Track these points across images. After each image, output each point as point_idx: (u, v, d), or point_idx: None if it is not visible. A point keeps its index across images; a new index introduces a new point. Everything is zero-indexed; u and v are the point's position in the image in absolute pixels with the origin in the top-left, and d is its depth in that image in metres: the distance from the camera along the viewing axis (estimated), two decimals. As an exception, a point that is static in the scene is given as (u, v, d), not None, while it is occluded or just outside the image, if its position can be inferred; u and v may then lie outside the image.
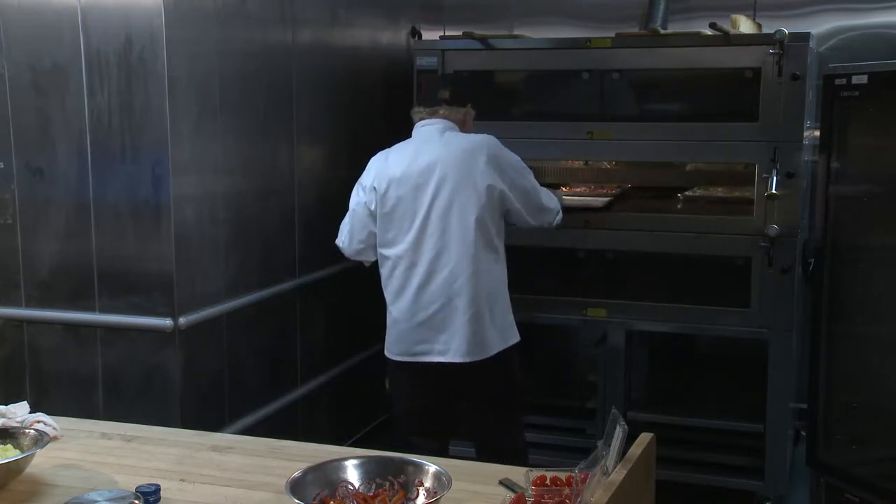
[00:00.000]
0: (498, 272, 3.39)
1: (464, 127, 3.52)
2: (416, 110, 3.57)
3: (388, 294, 3.43)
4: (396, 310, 3.40)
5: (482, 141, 3.39)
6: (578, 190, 4.40)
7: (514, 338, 3.43)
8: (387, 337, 3.46)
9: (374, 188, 3.38)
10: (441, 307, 3.29)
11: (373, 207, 3.40)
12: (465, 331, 3.28)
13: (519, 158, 3.44)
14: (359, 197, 3.46)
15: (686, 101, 4.11)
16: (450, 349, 3.29)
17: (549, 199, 3.53)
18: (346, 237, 3.51)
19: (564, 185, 4.50)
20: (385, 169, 3.40)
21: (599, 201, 4.04)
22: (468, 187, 3.28)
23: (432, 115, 3.49)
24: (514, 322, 3.44)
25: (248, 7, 3.51)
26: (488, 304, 3.32)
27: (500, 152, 3.38)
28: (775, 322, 3.79)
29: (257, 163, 3.62)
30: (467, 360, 3.29)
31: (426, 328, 3.32)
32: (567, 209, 3.73)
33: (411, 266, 3.33)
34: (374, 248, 3.46)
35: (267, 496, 1.96)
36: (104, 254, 3.19)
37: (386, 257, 3.41)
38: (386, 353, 3.47)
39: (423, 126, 3.49)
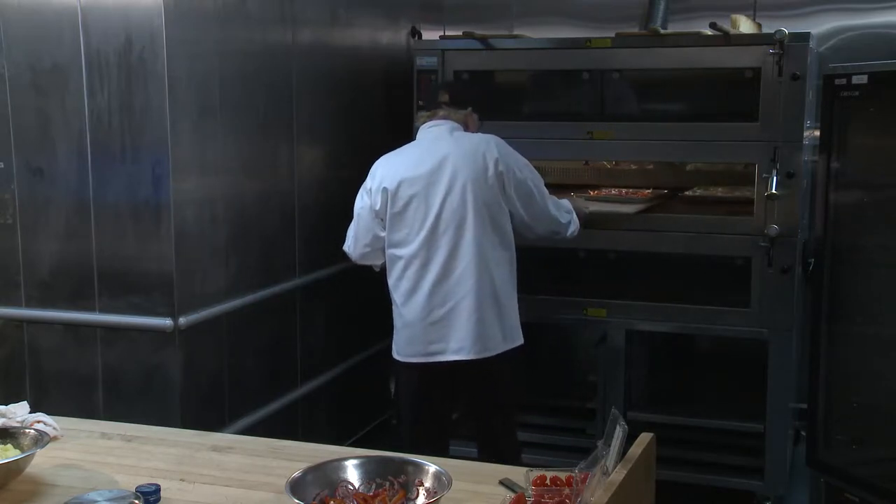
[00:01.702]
0: (509, 272, 3.41)
1: (467, 129, 3.52)
2: (419, 115, 3.62)
3: (399, 295, 3.40)
4: (408, 311, 3.36)
5: (489, 139, 3.39)
6: (608, 193, 4.40)
7: (520, 339, 3.44)
8: (395, 339, 3.43)
9: (384, 189, 3.35)
10: (455, 305, 3.29)
11: (378, 208, 3.39)
12: (477, 329, 3.29)
13: (527, 162, 3.44)
14: (363, 201, 3.45)
15: (686, 101, 4.11)
16: (464, 347, 3.29)
17: (556, 207, 3.50)
18: (352, 242, 3.51)
19: (593, 189, 4.50)
20: (394, 169, 3.38)
21: (631, 208, 3.94)
22: (480, 185, 3.29)
23: (433, 116, 3.51)
24: (518, 325, 3.46)
25: (248, 7, 3.51)
26: (499, 303, 3.35)
27: (508, 151, 3.39)
28: (775, 322, 3.79)
29: (257, 163, 3.62)
30: (478, 357, 3.30)
31: (441, 327, 3.31)
32: (596, 217, 3.71)
33: (425, 265, 3.31)
34: (381, 251, 3.44)
35: (267, 496, 1.96)
36: (104, 254, 3.20)
37: (397, 257, 3.38)
38: (395, 355, 3.44)
39: (429, 127, 3.49)
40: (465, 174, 3.29)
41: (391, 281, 3.42)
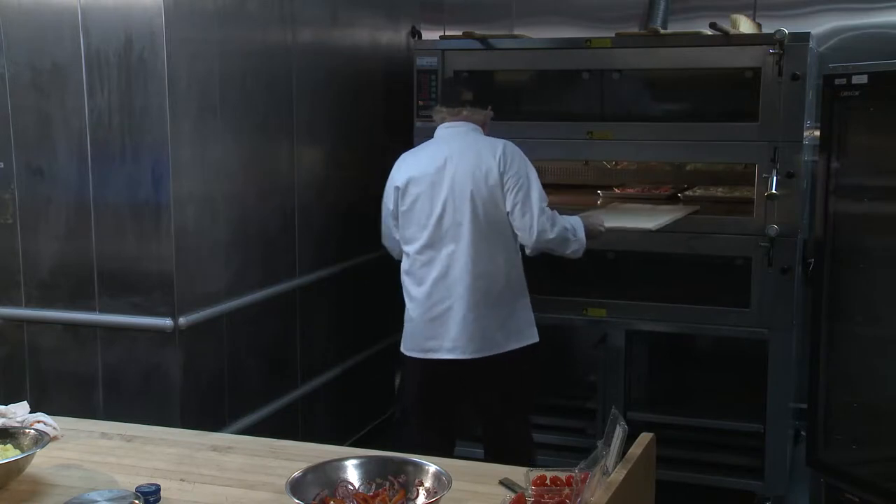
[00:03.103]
0: (510, 274, 3.39)
1: (484, 129, 3.52)
2: (438, 110, 3.55)
3: (405, 290, 3.47)
4: (412, 306, 3.44)
5: (500, 143, 3.38)
6: (632, 191, 4.40)
7: (526, 339, 3.43)
8: (403, 332, 3.51)
9: (396, 187, 3.45)
10: (451, 304, 3.33)
11: (392, 208, 3.47)
12: (471, 329, 3.31)
13: (534, 173, 3.37)
14: (385, 198, 3.54)
15: (686, 101, 4.11)
16: (458, 346, 3.33)
17: (551, 223, 3.33)
18: (382, 237, 3.62)
19: (618, 187, 4.49)
20: (406, 168, 3.46)
21: (652, 224, 3.65)
22: (481, 187, 3.30)
23: (455, 116, 3.49)
24: (530, 324, 3.45)
25: (248, 7, 3.51)
26: (498, 304, 3.35)
27: (515, 156, 3.35)
28: (775, 322, 3.79)
29: (257, 163, 3.62)
30: (473, 356, 3.32)
31: (437, 324, 3.36)
32: (614, 233, 3.64)
33: (428, 263, 3.38)
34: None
35: (267, 496, 1.96)
36: (104, 254, 3.20)
37: (406, 254, 3.46)
38: (401, 348, 3.51)
39: (447, 127, 3.49)
40: (468, 175, 3.31)
41: (402, 276, 3.49)
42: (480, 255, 3.32)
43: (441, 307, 3.35)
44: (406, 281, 3.46)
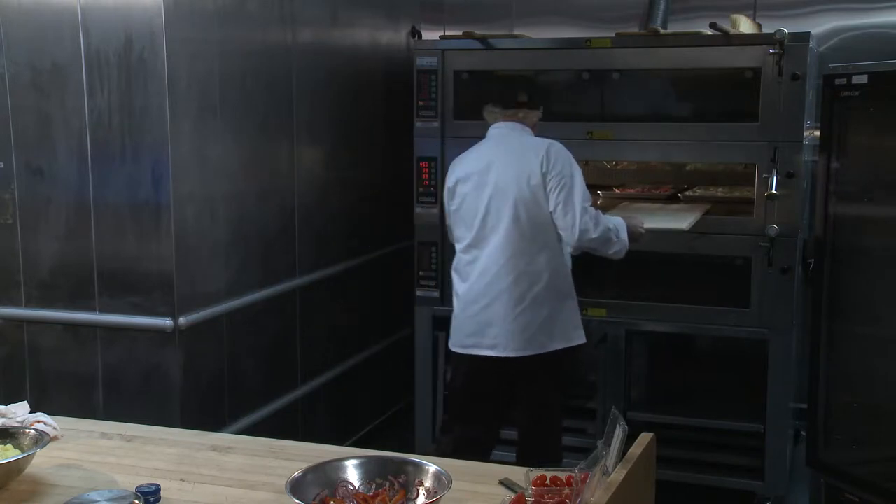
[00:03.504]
0: (554, 274, 3.40)
1: (534, 130, 3.54)
2: (491, 110, 3.56)
3: (453, 287, 3.56)
4: (456, 302, 3.53)
5: (547, 143, 3.39)
6: (632, 191, 4.41)
7: (571, 341, 3.44)
8: (450, 328, 3.59)
9: (448, 188, 3.56)
10: (491, 302, 3.38)
11: (446, 207, 3.61)
12: (513, 327, 3.35)
13: (579, 172, 3.37)
14: (445, 195, 3.63)
15: (686, 101, 4.11)
16: (499, 343, 3.38)
17: (595, 224, 3.32)
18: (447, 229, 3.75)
19: (618, 187, 4.51)
20: (457, 168, 3.55)
21: (684, 223, 3.71)
22: (524, 188, 3.33)
23: (510, 118, 3.52)
24: (577, 325, 3.47)
25: (248, 7, 3.51)
26: (540, 303, 3.37)
27: (560, 155, 3.35)
28: (775, 322, 3.79)
29: (257, 162, 3.62)
30: (514, 355, 3.37)
31: (476, 322, 3.42)
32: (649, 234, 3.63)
33: (472, 262, 3.45)
34: None
35: (267, 496, 1.96)
36: (104, 254, 3.20)
37: (456, 251, 3.56)
38: (448, 343, 3.59)
39: (498, 128, 3.53)
40: (511, 176, 3.35)
41: (452, 272, 3.59)
42: (521, 255, 3.35)
43: (481, 304, 3.40)
44: (454, 278, 3.55)
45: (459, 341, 3.50)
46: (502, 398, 3.56)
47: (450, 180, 3.55)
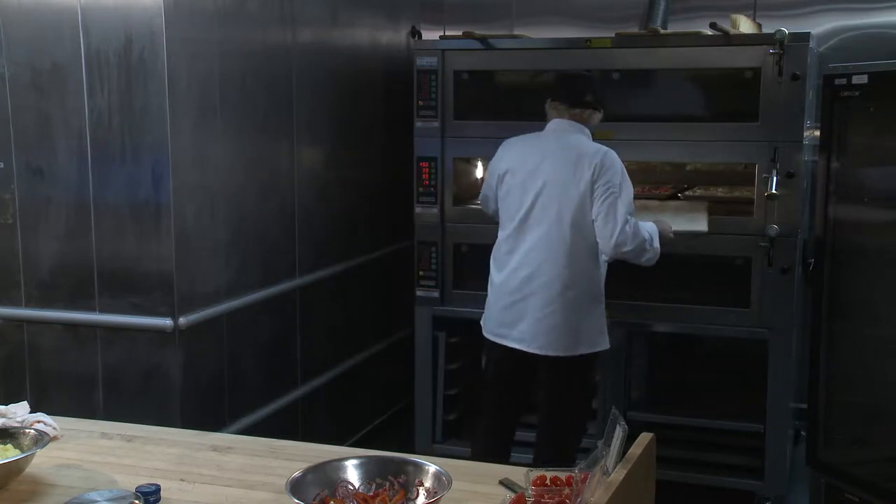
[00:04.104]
0: (589, 279, 3.43)
1: (593, 132, 3.57)
2: (555, 105, 3.56)
3: (491, 270, 3.58)
4: (491, 290, 3.56)
5: (602, 151, 3.40)
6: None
7: (596, 346, 3.46)
8: (484, 314, 3.63)
9: (496, 173, 3.58)
10: (523, 297, 3.42)
11: (493, 184, 3.60)
12: (540, 326, 3.39)
13: (629, 184, 3.40)
14: (490, 169, 3.67)
15: (686, 101, 4.11)
16: (525, 338, 3.42)
17: (634, 236, 3.35)
18: (480, 198, 3.82)
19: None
20: (509, 156, 3.56)
21: (704, 226, 3.78)
22: (572, 192, 3.36)
23: (573, 116, 3.53)
24: (602, 331, 3.49)
25: (248, 7, 3.51)
26: (572, 307, 3.39)
27: (613, 165, 3.37)
28: (775, 322, 3.79)
29: (257, 162, 3.62)
30: (538, 352, 3.41)
31: (509, 314, 3.46)
32: (676, 235, 3.66)
33: (510, 252, 3.48)
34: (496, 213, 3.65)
35: (267, 496, 1.96)
36: (104, 254, 3.20)
37: (497, 237, 3.59)
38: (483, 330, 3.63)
39: (557, 124, 3.53)
40: (560, 179, 3.38)
41: (490, 258, 3.61)
42: (559, 257, 3.38)
43: (514, 298, 3.44)
44: (491, 265, 3.57)
45: (491, 329, 3.54)
46: (524, 391, 3.63)
47: (500, 168, 3.55)
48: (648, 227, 3.46)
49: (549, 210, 3.39)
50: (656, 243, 3.46)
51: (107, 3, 3.07)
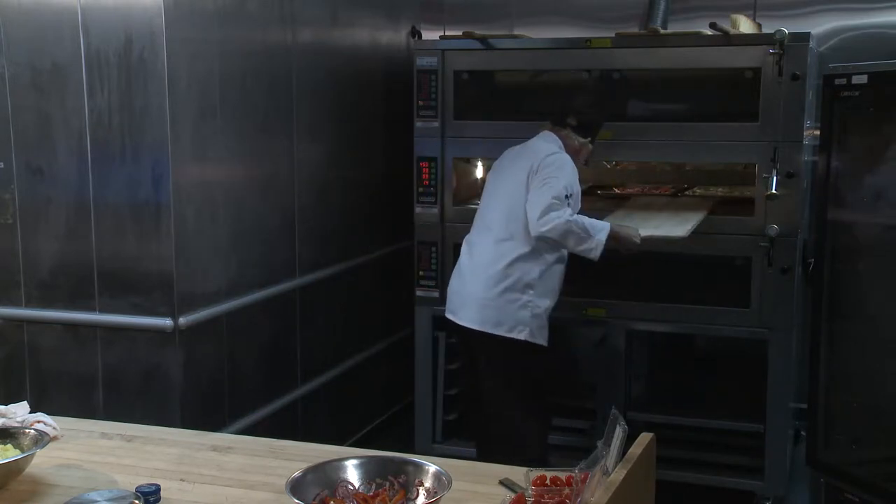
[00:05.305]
0: (528, 270, 3.53)
1: (576, 155, 3.64)
2: (542, 124, 3.75)
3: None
4: (454, 272, 3.79)
5: (550, 151, 3.56)
6: (632, 191, 4.40)
7: (531, 336, 3.53)
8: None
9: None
10: (470, 279, 3.62)
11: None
12: (477, 305, 3.56)
13: (569, 183, 3.47)
14: None
15: (686, 101, 4.11)
16: (461, 313, 3.63)
17: (558, 217, 3.38)
18: None
19: (618, 187, 4.52)
20: (495, 164, 3.81)
21: (682, 231, 3.67)
22: (519, 188, 3.52)
23: (554, 131, 3.69)
24: (542, 326, 3.57)
25: (248, 7, 3.51)
26: (508, 291, 3.51)
27: (557, 163, 3.50)
28: (775, 322, 3.79)
29: (257, 163, 3.62)
30: (472, 326, 3.56)
31: (456, 293, 3.68)
32: (648, 242, 3.66)
33: (467, 243, 3.73)
34: None
35: (267, 496, 1.96)
36: (104, 254, 3.20)
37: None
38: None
39: (539, 134, 3.71)
40: (512, 174, 3.58)
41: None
42: (502, 247, 3.54)
43: (459, 281, 3.67)
44: (462, 249, 3.76)
45: (446, 308, 3.76)
46: (473, 377, 3.74)
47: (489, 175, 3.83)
48: (595, 223, 3.50)
49: (498, 207, 3.60)
50: (600, 236, 3.46)
51: (107, 3, 3.07)
